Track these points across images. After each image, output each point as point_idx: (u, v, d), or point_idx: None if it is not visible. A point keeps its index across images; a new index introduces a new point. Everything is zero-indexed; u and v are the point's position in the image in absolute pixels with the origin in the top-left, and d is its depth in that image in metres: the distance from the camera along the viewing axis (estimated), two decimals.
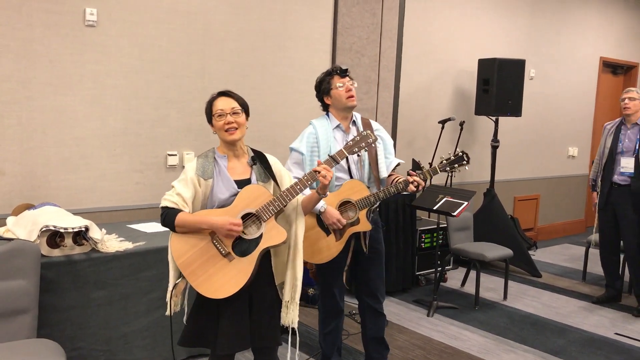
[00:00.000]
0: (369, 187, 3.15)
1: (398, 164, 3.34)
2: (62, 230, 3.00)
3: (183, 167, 4.29)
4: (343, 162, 3.07)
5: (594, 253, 6.21)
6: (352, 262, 3.26)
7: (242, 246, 2.43)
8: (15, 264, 2.73)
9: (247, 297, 2.47)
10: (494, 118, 6.14)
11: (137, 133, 4.11)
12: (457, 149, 3.14)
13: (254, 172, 2.55)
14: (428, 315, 4.66)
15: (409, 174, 3.07)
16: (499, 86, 5.88)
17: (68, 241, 3.04)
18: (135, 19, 4.01)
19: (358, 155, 3.08)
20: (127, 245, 3.29)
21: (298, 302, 2.57)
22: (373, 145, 2.73)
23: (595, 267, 6.15)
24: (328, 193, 2.85)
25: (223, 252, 2.41)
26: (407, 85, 5.77)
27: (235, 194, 2.46)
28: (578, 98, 7.94)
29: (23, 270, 2.75)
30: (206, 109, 2.56)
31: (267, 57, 4.72)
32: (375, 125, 3.32)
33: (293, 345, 2.61)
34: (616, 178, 4.90)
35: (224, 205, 2.46)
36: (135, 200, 4.15)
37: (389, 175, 3.26)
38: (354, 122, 3.25)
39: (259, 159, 2.59)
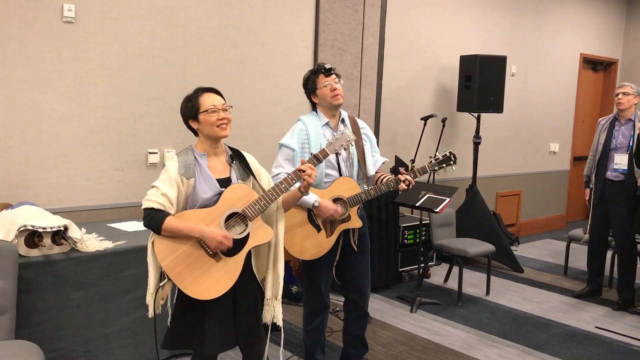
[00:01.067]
0: (359, 184, 3.18)
1: (383, 163, 3.39)
2: (40, 230, 2.96)
3: (164, 165, 4.28)
4: (333, 160, 3.13)
5: (575, 248, 6.28)
6: (341, 258, 3.27)
7: None
8: None
9: (231, 295, 2.45)
10: (475, 114, 6.17)
11: (117, 131, 4.06)
12: (445, 149, 3.24)
13: (234, 170, 2.53)
14: (411, 312, 4.67)
15: (398, 172, 3.12)
16: (481, 82, 5.91)
17: (47, 241, 3.00)
18: (114, 15, 3.96)
19: (338, 154, 3.09)
20: (107, 245, 3.26)
21: (280, 299, 2.58)
22: (351, 144, 2.76)
23: (576, 261, 6.23)
24: (311, 190, 2.88)
25: (210, 252, 2.39)
26: (389, 82, 5.78)
27: (218, 193, 2.44)
28: (559, 94, 8.01)
29: (0, 271, 2.70)
30: (189, 106, 2.49)
31: (248, 53, 4.69)
32: (361, 123, 3.36)
33: (278, 342, 2.61)
34: (610, 174, 4.88)
35: (206, 204, 2.42)
36: (115, 199, 4.11)
37: (375, 173, 3.31)
38: (343, 120, 3.27)
39: (237, 156, 2.57)
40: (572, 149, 8.39)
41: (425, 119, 5.53)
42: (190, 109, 2.48)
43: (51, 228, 2.99)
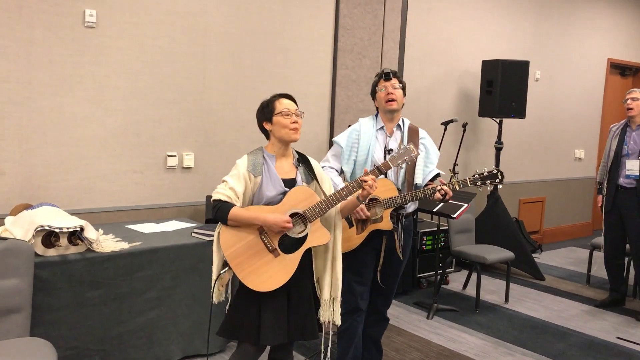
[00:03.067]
0: (400, 190, 3.17)
1: (438, 174, 3.33)
2: (57, 230, 3.02)
3: (183, 167, 4.34)
4: (381, 161, 3.15)
5: (599, 256, 6.15)
6: (376, 263, 3.27)
7: (287, 244, 2.55)
8: (8, 263, 2.75)
9: (287, 291, 2.56)
10: (497, 120, 6.10)
11: (137, 134, 4.13)
12: (494, 167, 3.14)
13: (299, 173, 2.67)
14: (428, 318, 4.64)
15: (439, 183, 3.10)
16: (503, 88, 5.85)
17: (63, 241, 3.06)
18: (134, 20, 4.03)
19: (400, 168, 3.17)
20: (123, 246, 3.31)
21: (340, 300, 2.71)
22: (415, 159, 2.83)
23: (600, 270, 6.10)
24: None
25: (270, 247, 2.53)
26: (409, 87, 5.68)
27: (282, 192, 2.58)
28: (585, 100, 7.87)
29: (17, 270, 2.77)
30: (265, 107, 2.64)
31: (267, 58, 4.72)
32: (422, 133, 3.36)
33: (326, 343, 2.78)
34: (622, 181, 4.83)
35: (270, 202, 2.56)
36: (134, 201, 4.18)
37: (426, 185, 3.24)
38: (399, 127, 3.31)
39: (303, 161, 2.70)
40: (598, 156, 8.24)
41: (445, 123, 5.49)
42: (265, 111, 2.64)
43: (67, 228, 3.05)
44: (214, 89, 4.44)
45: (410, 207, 3.32)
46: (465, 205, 4.05)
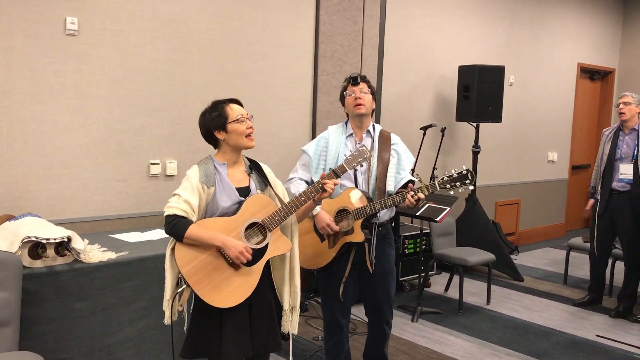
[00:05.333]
0: (370, 199, 3.06)
1: (410, 181, 3.16)
2: (44, 241, 2.97)
3: (166, 175, 4.31)
4: (350, 171, 2.97)
5: (575, 256, 6.29)
6: (357, 276, 3.19)
7: None
8: None
9: (248, 303, 2.48)
10: (474, 124, 6.20)
11: (119, 142, 4.09)
12: (463, 167, 3.00)
13: (253, 180, 2.58)
14: (412, 321, 4.68)
15: (409, 188, 2.97)
16: (479, 92, 5.95)
17: (50, 252, 3.01)
18: (116, 27, 3.99)
19: (355, 170, 3.06)
20: (110, 256, 3.26)
21: (299, 309, 2.64)
22: (368, 161, 2.70)
23: (576, 270, 6.25)
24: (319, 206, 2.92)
25: (229, 261, 2.42)
26: (388, 93, 5.82)
27: (238, 202, 2.48)
28: (557, 103, 8.05)
29: (4, 282, 2.72)
30: (214, 116, 2.50)
31: (249, 64, 4.72)
32: (394, 139, 3.28)
33: (285, 351, 2.67)
34: (615, 185, 4.88)
35: (225, 213, 2.46)
36: (117, 210, 4.13)
37: (399, 191, 3.07)
38: (369, 132, 3.23)
39: (254, 167, 2.63)
40: (570, 158, 8.43)
41: (424, 128, 5.55)
42: (216, 119, 2.50)
43: (55, 239, 3.00)
44: (196, 96, 4.42)
45: (385, 215, 3.20)
46: (448, 208, 4.11)
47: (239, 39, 4.65)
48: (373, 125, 3.27)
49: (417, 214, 4.14)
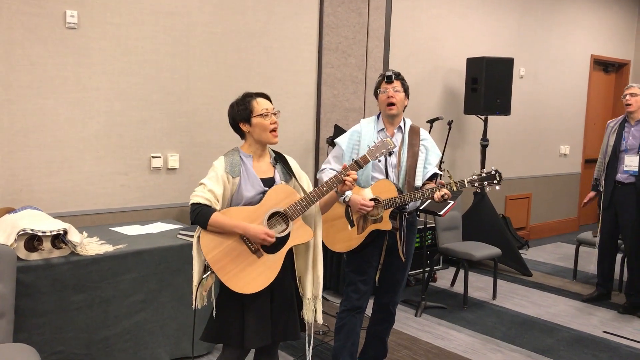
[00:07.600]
0: (400, 191, 3.16)
1: (435, 174, 3.30)
2: (40, 234, 2.98)
3: (168, 169, 4.31)
4: (381, 165, 3.18)
5: (585, 251, 6.20)
6: (383, 261, 3.30)
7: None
8: None
9: (270, 291, 2.53)
10: (482, 117, 6.13)
11: (121, 135, 4.09)
12: (492, 167, 3.08)
13: (277, 172, 2.64)
14: (416, 316, 4.64)
15: (438, 184, 3.06)
16: (488, 85, 5.87)
17: (46, 244, 3.02)
18: (116, 20, 3.99)
19: (379, 160, 3.18)
20: (108, 248, 3.27)
21: (321, 299, 2.68)
22: (392, 152, 2.80)
23: (586, 265, 6.15)
24: (351, 191, 3.02)
25: (253, 248, 2.49)
26: None
27: (262, 192, 2.54)
28: (569, 96, 7.92)
29: None
30: (241, 108, 2.57)
31: (251, 57, 4.70)
32: (423, 134, 3.34)
33: (309, 342, 2.72)
34: (620, 176, 4.82)
35: (250, 202, 2.53)
36: (119, 203, 4.13)
37: (424, 184, 3.24)
38: (400, 128, 3.29)
39: (280, 159, 2.68)
40: (583, 152, 8.30)
41: (431, 121, 5.50)
42: (242, 112, 2.57)
43: (50, 232, 3.01)
44: (198, 89, 4.41)
45: (412, 206, 3.32)
46: (452, 202, 4.06)
47: (241, 32, 4.62)
48: (404, 120, 3.33)
49: (421, 207, 4.11)
